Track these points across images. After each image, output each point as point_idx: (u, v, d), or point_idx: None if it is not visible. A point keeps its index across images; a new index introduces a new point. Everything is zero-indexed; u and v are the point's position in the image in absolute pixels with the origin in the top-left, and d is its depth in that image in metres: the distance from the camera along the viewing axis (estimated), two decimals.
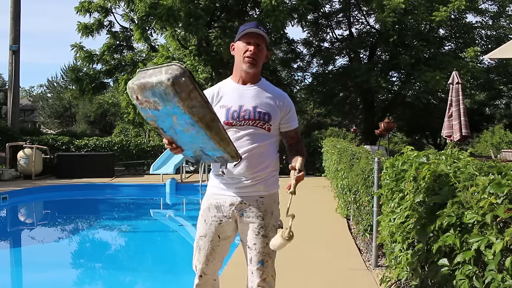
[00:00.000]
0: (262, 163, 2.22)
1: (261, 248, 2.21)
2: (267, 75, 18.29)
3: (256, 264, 2.22)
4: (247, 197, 2.22)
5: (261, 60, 2.22)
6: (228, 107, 2.20)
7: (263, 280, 2.23)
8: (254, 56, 2.18)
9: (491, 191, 1.66)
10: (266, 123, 2.19)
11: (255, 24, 2.21)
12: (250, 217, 2.22)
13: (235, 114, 2.18)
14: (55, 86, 38.52)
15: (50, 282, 4.81)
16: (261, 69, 2.27)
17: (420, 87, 17.10)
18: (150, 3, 14.42)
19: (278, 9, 13.95)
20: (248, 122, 2.18)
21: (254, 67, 2.20)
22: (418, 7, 16.19)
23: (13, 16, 14.56)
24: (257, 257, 2.21)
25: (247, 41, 2.18)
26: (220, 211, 2.24)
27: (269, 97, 2.23)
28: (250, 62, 2.18)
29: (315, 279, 3.78)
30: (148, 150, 13.68)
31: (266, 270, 2.22)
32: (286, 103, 2.26)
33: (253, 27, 2.18)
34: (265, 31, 2.21)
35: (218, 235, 2.26)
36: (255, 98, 2.21)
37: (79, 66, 17.97)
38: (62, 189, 10.96)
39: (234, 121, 2.18)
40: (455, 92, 8.31)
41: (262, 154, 2.22)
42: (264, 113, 2.18)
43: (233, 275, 3.54)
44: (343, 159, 6.72)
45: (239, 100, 2.20)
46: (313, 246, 4.89)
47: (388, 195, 2.86)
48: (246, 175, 2.20)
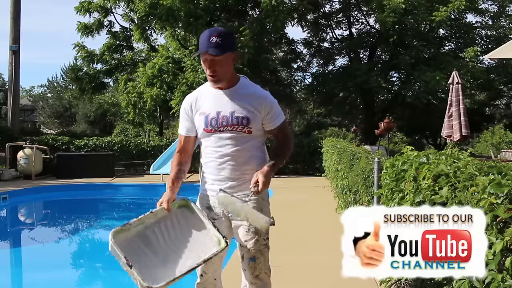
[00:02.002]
0: (247, 164, 2.23)
1: (252, 244, 2.24)
2: (267, 75, 18.31)
3: (248, 260, 2.25)
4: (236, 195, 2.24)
5: (225, 71, 2.15)
6: (206, 114, 2.22)
7: (255, 277, 2.26)
8: (214, 74, 2.14)
9: (491, 191, 1.66)
10: (245, 127, 2.18)
11: (207, 37, 2.09)
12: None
13: (213, 122, 2.20)
14: (55, 86, 38.49)
15: (50, 282, 4.81)
16: (262, 70, 2.27)
17: (420, 87, 17.09)
18: (150, 3, 14.42)
19: (278, 9, 13.95)
20: (227, 128, 2.19)
21: (219, 81, 2.18)
22: (418, 7, 16.17)
23: (13, 16, 14.56)
24: (248, 253, 2.25)
25: (204, 60, 2.14)
26: (212, 211, 2.28)
27: (247, 100, 2.19)
28: (213, 80, 2.18)
29: (315, 279, 3.77)
30: (148, 150, 13.67)
31: (258, 266, 2.25)
32: (265, 104, 2.22)
33: (204, 45, 2.09)
34: (219, 40, 2.07)
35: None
36: (233, 103, 2.19)
37: (79, 66, 17.98)
38: (62, 189, 10.95)
39: (213, 128, 2.20)
40: (455, 92, 8.31)
41: (245, 156, 2.23)
42: (242, 118, 2.17)
43: (233, 276, 3.54)
44: (343, 159, 6.72)
45: (216, 106, 2.20)
46: (313, 246, 4.89)
47: (388, 195, 2.86)
48: (231, 177, 2.23)
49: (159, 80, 14.60)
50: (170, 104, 14.70)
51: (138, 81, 15.37)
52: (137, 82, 15.35)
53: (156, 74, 14.66)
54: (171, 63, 14.96)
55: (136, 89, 15.07)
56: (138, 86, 15.05)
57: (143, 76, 14.90)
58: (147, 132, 23.58)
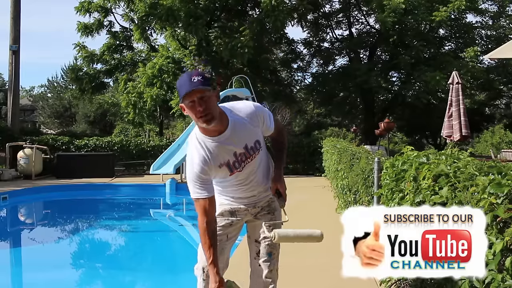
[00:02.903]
0: (267, 172, 2.36)
1: (270, 241, 2.35)
2: (267, 75, 18.31)
3: (265, 255, 2.40)
4: (260, 201, 2.38)
5: (214, 107, 2.04)
6: (227, 163, 2.15)
7: (270, 271, 2.41)
8: (205, 112, 2.00)
9: (491, 191, 1.66)
10: (260, 146, 2.24)
11: (187, 78, 2.00)
12: (263, 214, 2.39)
13: (236, 165, 2.18)
14: (55, 86, 38.47)
15: (50, 282, 4.81)
16: (262, 70, 2.29)
17: (420, 87, 17.08)
18: (150, 3, 14.43)
19: (278, 9, 13.94)
20: (248, 160, 2.21)
21: (213, 119, 2.03)
22: (418, 7, 16.16)
23: (13, 16, 14.56)
24: (266, 249, 2.39)
25: (190, 101, 1.99)
26: (234, 215, 2.37)
27: (246, 128, 2.16)
28: (205, 120, 2.02)
29: (315, 280, 3.78)
30: (148, 150, 13.67)
31: (272, 261, 2.41)
32: (256, 116, 2.19)
33: (187, 86, 1.98)
34: (200, 78, 1.99)
35: (226, 235, 2.38)
36: (239, 139, 2.14)
37: (79, 66, 17.98)
38: (62, 189, 10.96)
39: (240, 168, 2.20)
40: (455, 92, 8.31)
41: (264, 167, 2.33)
42: (255, 143, 2.20)
43: (233, 276, 3.53)
44: (343, 159, 6.72)
45: (229, 152, 2.14)
46: (313, 247, 4.88)
47: (388, 195, 2.86)
48: (261, 190, 2.34)
49: (159, 80, 14.60)
50: (170, 104, 14.71)
51: (138, 81, 15.37)
52: (137, 82, 15.35)
53: (156, 74, 14.66)
54: (171, 63, 14.96)
55: (136, 89, 15.07)
56: (138, 86, 15.05)
57: (143, 76, 14.90)
58: (147, 132, 23.57)
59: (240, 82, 14.01)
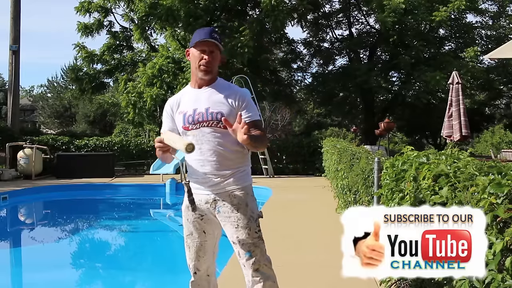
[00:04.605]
0: (228, 160, 2.25)
1: (245, 239, 2.23)
2: (267, 75, 18.31)
3: (244, 256, 2.24)
4: (220, 193, 2.27)
5: (215, 66, 2.28)
6: (184, 113, 2.29)
7: (255, 271, 2.24)
8: (209, 65, 2.23)
9: (491, 191, 1.66)
10: (220, 122, 2.20)
11: (209, 30, 2.27)
12: (226, 212, 2.26)
13: (190, 119, 2.26)
14: (55, 86, 38.49)
15: (50, 282, 4.81)
16: (262, 70, 2.29)
17: (420, 87, 17.08)
18: (150, 3, 14.44)
19: (278, 9, 13.94)
20: (203, 124, 2.24)
21: (209, 74, 2.26)
22: (418, 7, 16.16)
23: (13, 16, 14.56)
24: (243, 249, 2.24)
25: (201, 49, 2.23)
26: (198, 209, 2.31)
27: (222, 97, 2.26)
28: (205, 70, 2.24)
29: (315, 279, 3.77)
30: (148, 150, 13.67)
31: (255, 260, 2.24)
32: (238, 97, 2.27)
33: (207, 34, 2.23)
34: (218, 38, 2.26)
35: (203, 231, 2.35)
36: (208, 100, 2.26)
37: (79, 66, 17.98)
38: (62, 189, 10.96)
39: (190, 125, 2.26)
40: (455, 92, 8.31)
41: (225, 152, 2.24)
42: (216, 113, 2.22)
43: (232, 276, 3.54)
44: (343, 159, 6.72)
45: (193, 104, 2.27)
46: (313, 246, 4.89)
47: (388, 195, 2.86)
48: (214, 173, 2.25)
49: (159, 80, 14.61)
50: None
51: (138, 81, 15.37)
52: (137, 82, 15.35)
53: (156, 74, 14.66)
54: (171, 63, 14.97)
55: (136, 89, 15.07)
56: (138, 86, 15.06)
57: (143, 76, 14.90)
58: (147, 132, 23.57)
59: (240, 82, 14.00)
